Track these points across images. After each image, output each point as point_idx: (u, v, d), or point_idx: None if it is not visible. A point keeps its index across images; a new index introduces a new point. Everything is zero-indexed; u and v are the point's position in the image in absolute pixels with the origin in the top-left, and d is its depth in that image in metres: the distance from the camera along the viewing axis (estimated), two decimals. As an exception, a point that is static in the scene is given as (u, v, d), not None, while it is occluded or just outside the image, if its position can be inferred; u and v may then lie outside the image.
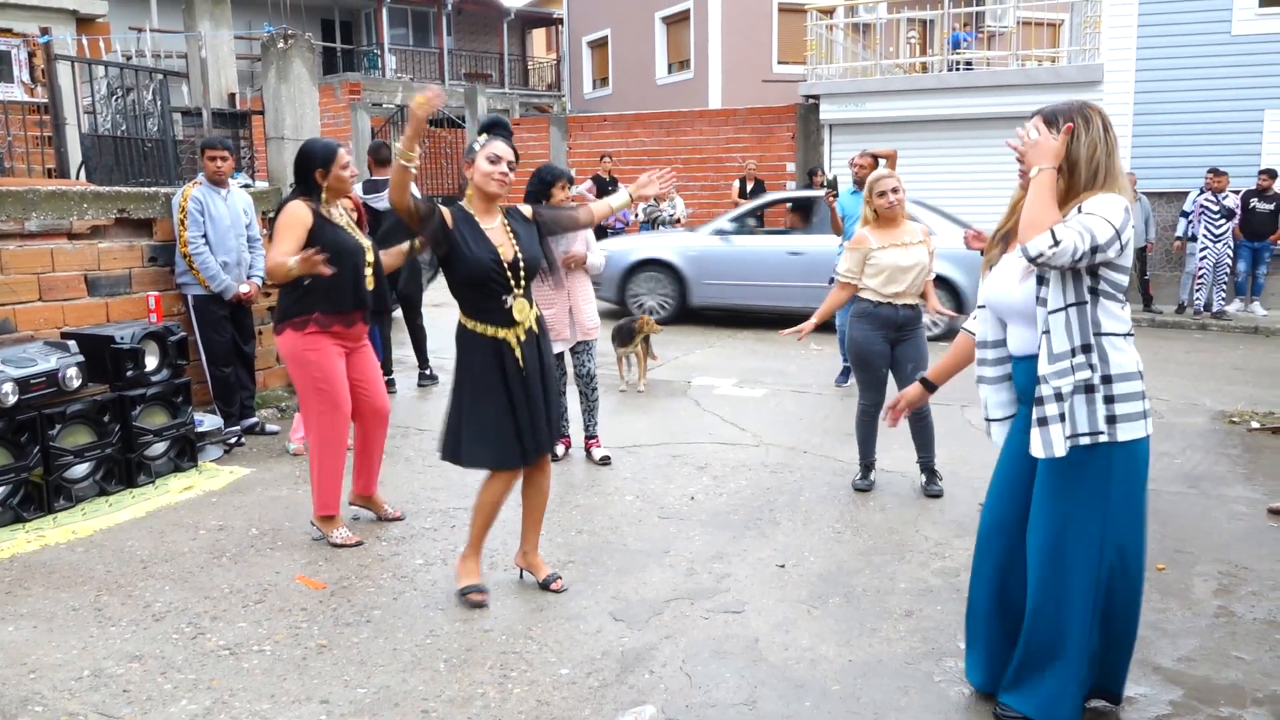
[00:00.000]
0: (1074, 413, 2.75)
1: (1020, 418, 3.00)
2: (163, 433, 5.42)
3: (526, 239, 3.78)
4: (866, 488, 5.38)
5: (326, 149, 4.48)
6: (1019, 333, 2.90)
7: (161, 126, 7.98)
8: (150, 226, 6.13)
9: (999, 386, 3.05)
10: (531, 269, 3.76)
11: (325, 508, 4.52)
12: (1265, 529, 4.82)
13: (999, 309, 2.98)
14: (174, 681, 3.29)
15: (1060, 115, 2.78)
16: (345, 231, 4.48)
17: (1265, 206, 11.96)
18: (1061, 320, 2.73)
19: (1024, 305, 2.82)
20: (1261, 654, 3.52)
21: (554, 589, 3.98)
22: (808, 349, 9.81)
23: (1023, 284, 2.82)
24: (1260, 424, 6.85)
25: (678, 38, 23.09)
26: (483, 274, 3.63)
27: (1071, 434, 2.75)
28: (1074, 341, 2.74)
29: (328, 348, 4.40)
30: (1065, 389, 2.74)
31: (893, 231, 5.24)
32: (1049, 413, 2.75)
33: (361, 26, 28.41)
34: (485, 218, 3.72)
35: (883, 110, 14.59)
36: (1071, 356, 2.74)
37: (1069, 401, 2.74)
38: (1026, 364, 2.88)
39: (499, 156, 3.66)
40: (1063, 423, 2.74)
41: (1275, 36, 12.55)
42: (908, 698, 3.22)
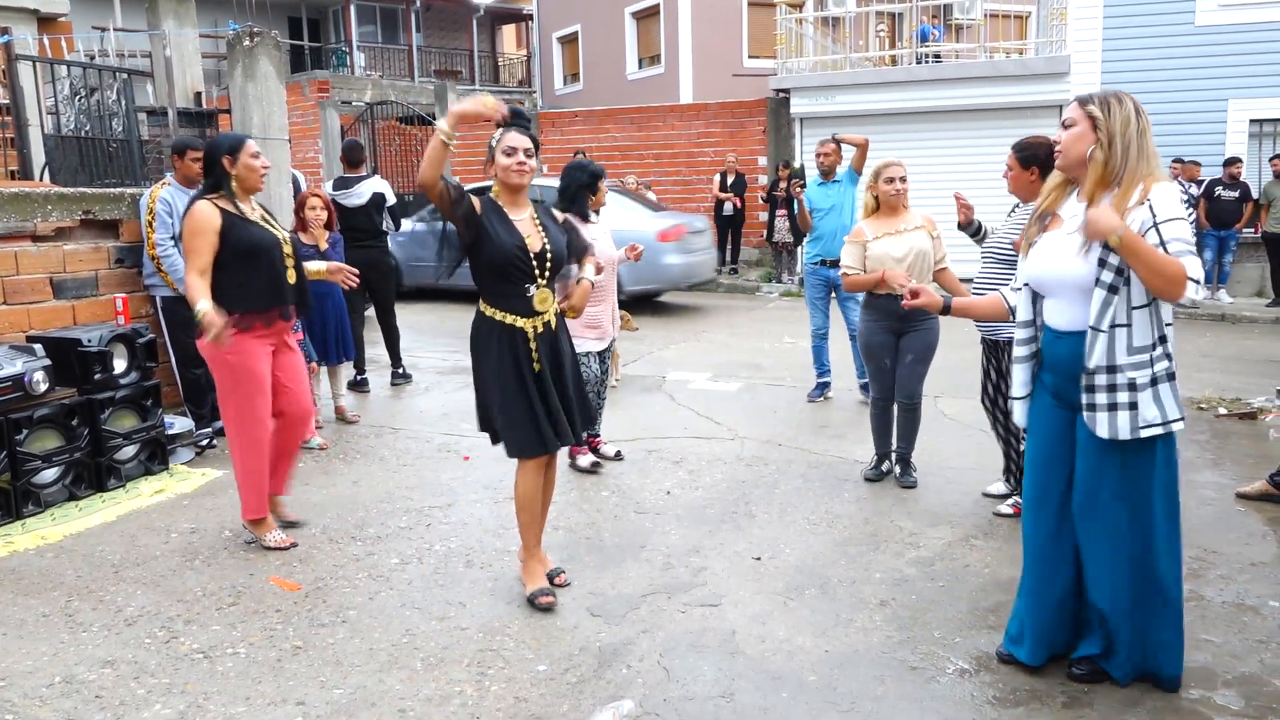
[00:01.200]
0: (1152, 402, 2.93)
1: (1047, 391, 3.17)
2: (132, 436, 5.37)
3: (557, 234, 3.82)
4: (876, 478, 5.41)
5: (233, 137, 4.42)
6: (1068, 308, 3.03)
7: (126, 126, 7.87)
8: (116, 228, 6.06)
9: (1026, 365, 3.23)
10: (558, 262, 3.78)
11: (253, 511, 4.45)
12: (1233, 513, 4.89)
13: (1050, 285, 3.08)
14: (147, 686, 3.25)
15: (1096, 97, 2.98)
16: (260, 227, 4.36)
17: (1231, 194, 12.13)
18: (1144, 315, 2.91)
19: (1085, 281, 2.95)
20: (1230, 636, 3.57)
21: (557, 583, 3.97)
22: (781, 342, 9.85)
23: (1085, 260, 2.94)
24: (1227, 410, 6.94)
25: (648, 33, 23.07)
26: (506, 260, 3.64)
27: (1146, 423, 2.94)
28: (1154, 335, 2.95)
29: (250, 349, 4.30)
30: (1141, 379, 2.93)
31: (890, 220, 5.26)
32: (1120, 399, 2.94)
33: (329, 24, 28.20)
34: (513, 209, 3.74)
35: (853, 103, 14.64)
36: (1152, 350, 2.94)
37: (1144, 391, 2.93)
38: (1072, 339, 3.01)
39: (514, 148, 3.66)
40: (1133, 411, 2.93)
41: (1238, 27, 12.71)
42: (884, 686, 3.24)
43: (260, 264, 4.29)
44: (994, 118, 13.59)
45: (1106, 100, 2.95)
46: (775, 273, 14.55)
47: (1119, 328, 2.91)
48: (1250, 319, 11.53)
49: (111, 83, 8.03)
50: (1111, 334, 2.91)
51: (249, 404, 4.34)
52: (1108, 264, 2.89)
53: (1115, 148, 2.91)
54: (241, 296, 4.25)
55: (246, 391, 4.32)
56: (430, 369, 8.36)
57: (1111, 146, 2.91)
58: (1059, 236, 3.06)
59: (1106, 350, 2.91)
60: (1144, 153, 2.91)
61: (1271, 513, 4.87)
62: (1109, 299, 2.90)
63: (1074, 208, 3.07)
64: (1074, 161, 3.01)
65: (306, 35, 27.55)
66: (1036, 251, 3.14)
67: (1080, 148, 2.97)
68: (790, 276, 14.22)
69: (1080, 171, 3.02)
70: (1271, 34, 12.58)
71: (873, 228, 5.26)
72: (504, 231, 3.66)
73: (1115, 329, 2.91)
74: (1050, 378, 3.16)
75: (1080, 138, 2.97)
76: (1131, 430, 2.94)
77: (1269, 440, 6.22)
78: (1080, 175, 3.03)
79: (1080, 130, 2.98)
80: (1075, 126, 2.99)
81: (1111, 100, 2.95)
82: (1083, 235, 2.93)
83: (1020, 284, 3.25)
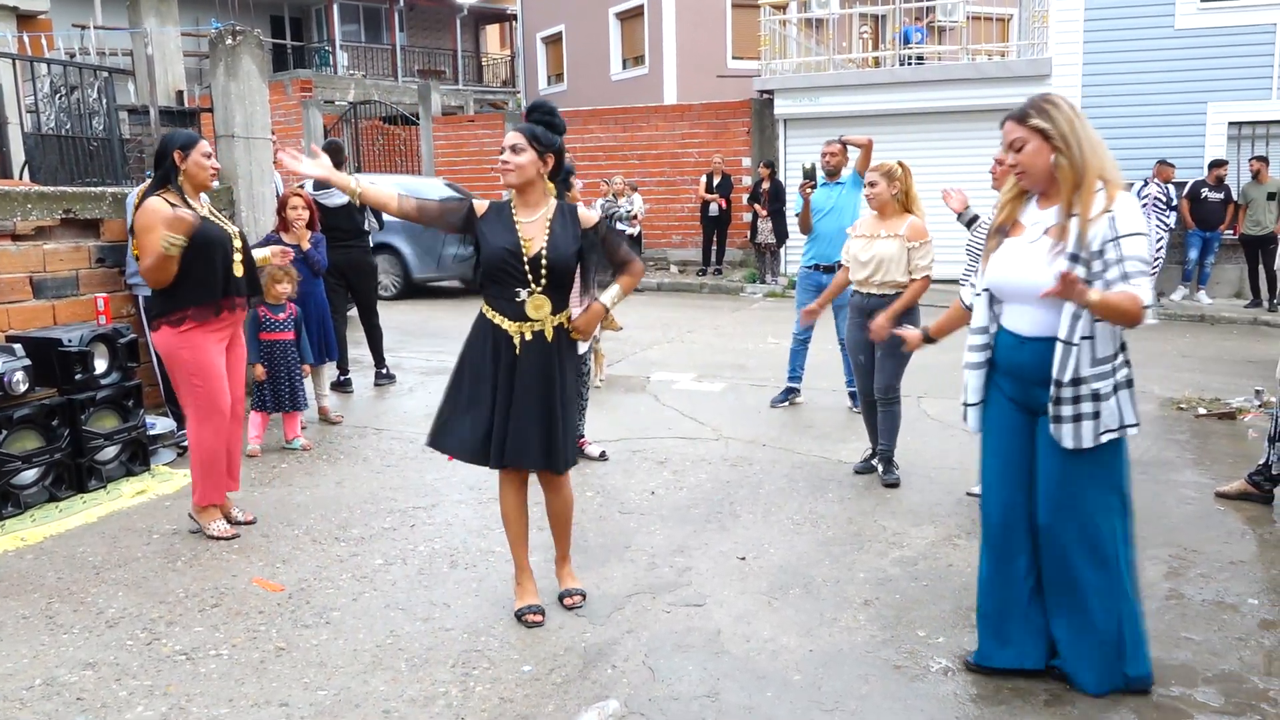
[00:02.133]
0: (1114, 410, 2.98)
1: (1005, 395, 3.17)
2: (113, 436, 5.33)
3: (562, 239, 3.56)
4: (862, 470, 5.50)
5: (188, 134, 4.50)
6: (1035, 315, 3.03)
7: (107, 125, 7.81)
8: (97, 227, 6.02)
9: (980, 371, 3.23)
10: (555, 268, 3.53)
11: (205, 497, 4.54)
12: (1213, 512, 4.93)
13: (1014, 292, 3.08)
14: (129, 688, 3.23)
15: (1030, 109, 2.99)
16: (210, 222, 4.44)
17: (1216, 196, 12.23)
18: (1107, 326, 2.94)
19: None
20: (1210, 634, 3.61)
21: (565, 604, 3.83)
22: (765, 343, 9.87)
23: (1050, 266, 2.94)
24: (1207, 410, 7.00)
25: (632, 33, 23.08)
26: (494, 263, 3.54)
27: (1105, 429, 2.98)
28: (1115, 345, 2.99)
29: (204, 344, 4.39)
30: (1104, 389, 2.96)
31: (877, 223, 5.37)
32: (1085, 410, 2.96)
33: (312, 23, 28.09)
34: (526, 210, 3.59)
35: (836, 105, 14.70)
36: (1114, 359, 2.99)
37: (1107, 400, 2.97)
38: (1037, 345, 3.02)
39: (502, 145, 3.57)
40: (1095, 420, 2.97)
41: (1217, 30, 12.83)
42: (868, 685, 3.25)
43: (210, 258, 4.36)
44: (976, 119, 13.64)
45: (1042, 108, 2.96)
46: (759, 273, 14.58)
47: (1086, 340, 2.93)
48: (1229, 320, 11.63)
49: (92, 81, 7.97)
50: (1080, 347, 2.93)
51: (207, 395, 4.44)
52: None
53: (1073, 149, 2.92)
54: (193, 290, 4.33)
55: (203, 383, 4.41)
56: (414, 369, 8.33)
57: (1069, 149, 2.92)
58: (1023, 244, 3.06)
59: (1075, 363, 2.93)
60: (1091, 142, 2.93)
61: (1250, 511, 4.91)
62: (1078, 312, 2.90)
63: (1034, 215, 3.08)
64: (1040, 177, 3.01)
65: (289, 34, 27.43)
66: (999, 258, 3.13)
67: (1042, 161, 2.97)
68: (774, 277, 14.26)
69: (1047, 185, 3.02)
70: (1250, 37, 12.70)
71: (864, 225, 5.43)
72: (498, 234, 3.55)
73: (1083, 341, 2.93)
74: (1010, 383, 3.15)
75: (1038, 152, 2.97)
76: (1094, 438, 2.98)
77: (1248, 440, 6.27)
78: (1049, 188, 3.02)
79: (1035, 145, 2.97)
80: (1028, 144, 2.98)
81: (1047, 106, 2.96)
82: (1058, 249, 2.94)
83: (980, 290, 3.24)
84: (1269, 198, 11.79)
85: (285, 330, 5.97)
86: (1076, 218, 2.91)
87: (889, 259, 5.23)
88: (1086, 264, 2.88)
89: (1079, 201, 2.92)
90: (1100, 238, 2.87)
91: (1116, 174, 2.95)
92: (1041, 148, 2.96)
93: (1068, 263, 2.90)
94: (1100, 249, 2.87)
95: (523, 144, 3.51)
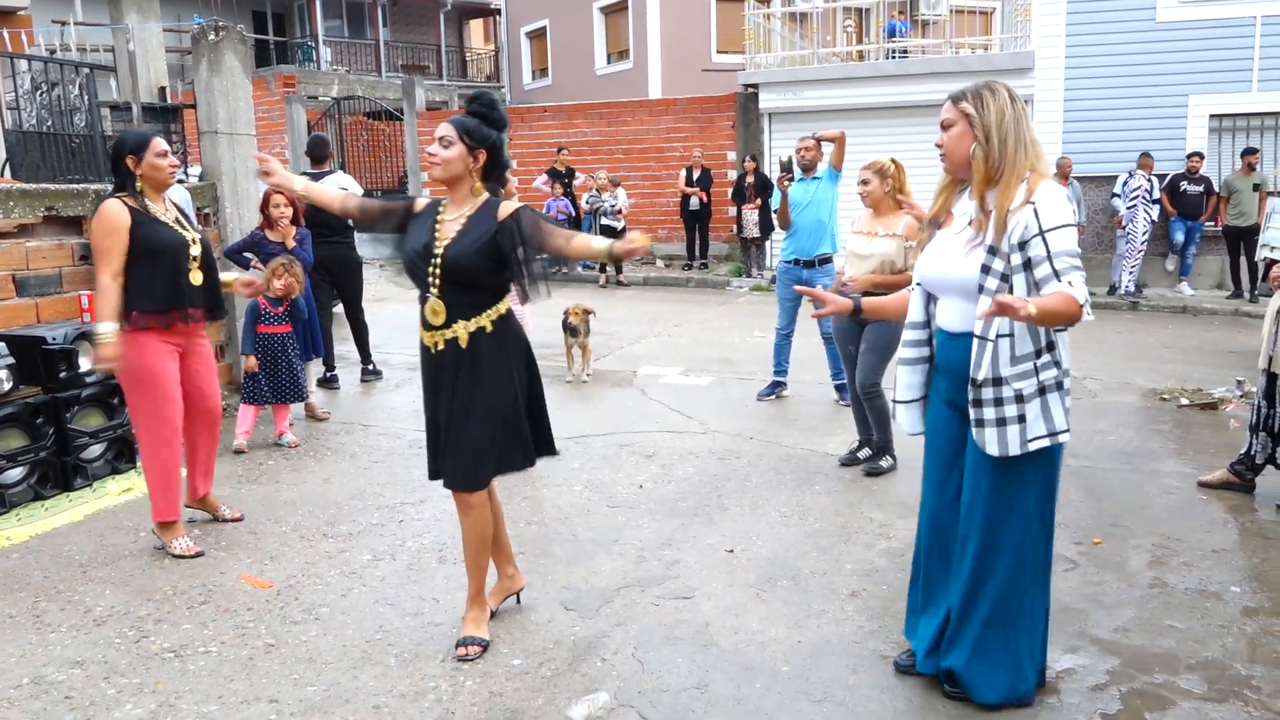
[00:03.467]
0: (1039, 414, 2.81)
1: (940, 396, 3.03)
2: (99, 434, 5.31)
3: (465, 238, 3.29)
4: (847, 461, 5.54)
5: (139, 136, 4.32)
6: (959, 308, 2.91)
7: (89, 122, 7.77)
8: (80, 224, 5.98)
9: (915, 368, 3.10)
10: (449, 269, 3.27)
11: (162, 513, 4.32)
12: (1196, 502, 4.98)
13: (939, 285, 3.00)
14: (117, 686, 3.23)
15: (968, 93, 2.88)
16: (168, 227, 4.27)
17: (1194, 188, 12.32)
18: (1026, 324, 2.70)
19: (969, 283, 2.83)
20: (1193, 622, 3.64)
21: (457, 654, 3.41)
22: (752, 337, 9.89)
23: (967, 258, 2.85)
24: (1189, 400, 7.06)
25: (616, 28, 23.04)
26: (407, 265, 3.40)
27: (1034, 436, 2.81)
28: (1039, 343, 2.80)
29: (151, 346, 4.22)
30: (1027, 389, 2.79)
31: (875, 220, 5.39)
32: (1008, 413, 2.79)
33: (295, 18, 27.93)
34: (454, 207, 3.38)
35: (821, 98, 14.71)
36: (1036, 358, 2.80)
37: (1031, 402, 2.80)
38: (963, 340, 2.88)
39: (434, 137, 3.36)
40: (1021, 424, 2.80)
41: (1197, 24, 12.89)
42: (856, 676, 3.27)
43: (162, 264, 4.21)
44: (960, 113, 13.68)
45: (979, 94, 2.84)
46: (744, 267, 14.60)
47: (1003, 337, 2.77)
48: (1211, 311, 11.72)
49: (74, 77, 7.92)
50: (996, 344, 2.77)
51: (155, 407, 4.25)
52: (991, 270, 2.77)
53: (993, 142, 2.78)
54: (140, 296, 4.18)
55: (152, 393, 4.24)
56: (401, 365, 8.32)
57: (989, 142, 2.79)
58: (948, 235, 2.97)
59: (992, 361, 2.78)
60: (1022, 142, 2.79)
61: (1232, 500, 4.96)
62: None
63: (964, 206, 2.97)
64: (959, 163, 2.89)
65: (271, 29, 27.26)
66: (928, 251, 3.03)
67: (963, 147, 2.85)
68: (759, 271, 14.28)
69: (967, 172, 2.89)
70: (1231, 30, 12.76)
71: (863, 221, 5.44)
72: (417, 233, 3.38)
73: (1000, 339, 2.77)
74: (944, 382, 3.01)
75: (961, 137, 2.85)
76: (1020, 445, 2.81)
77: (1229, 430, 6.33)
78: (968, 176, 2.90)
79: (960, 130, 2.86)
80: (954, 127, 2.87)
81: (985, 93, 2.84)
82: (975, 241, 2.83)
83: (914, 283, 3.13)
84: (1254, 189, 11.87)
85: (282, 324, 5.96)
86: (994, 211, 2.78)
87: (888, 257, 5.24)
88: (1006, 257, 2.75)
89: (996, 195, 2.79)
90: (1022, 231, 2.72)
91: (1045, 168, 2.83)
92: (965, 134, 2.84)
93: (984, 255, 2.78)
94: (1022, 241, 2.72)
95: (452, 137, 3.30)
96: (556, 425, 3.69)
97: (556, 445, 3.66)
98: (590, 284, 14.26)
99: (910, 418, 3.14)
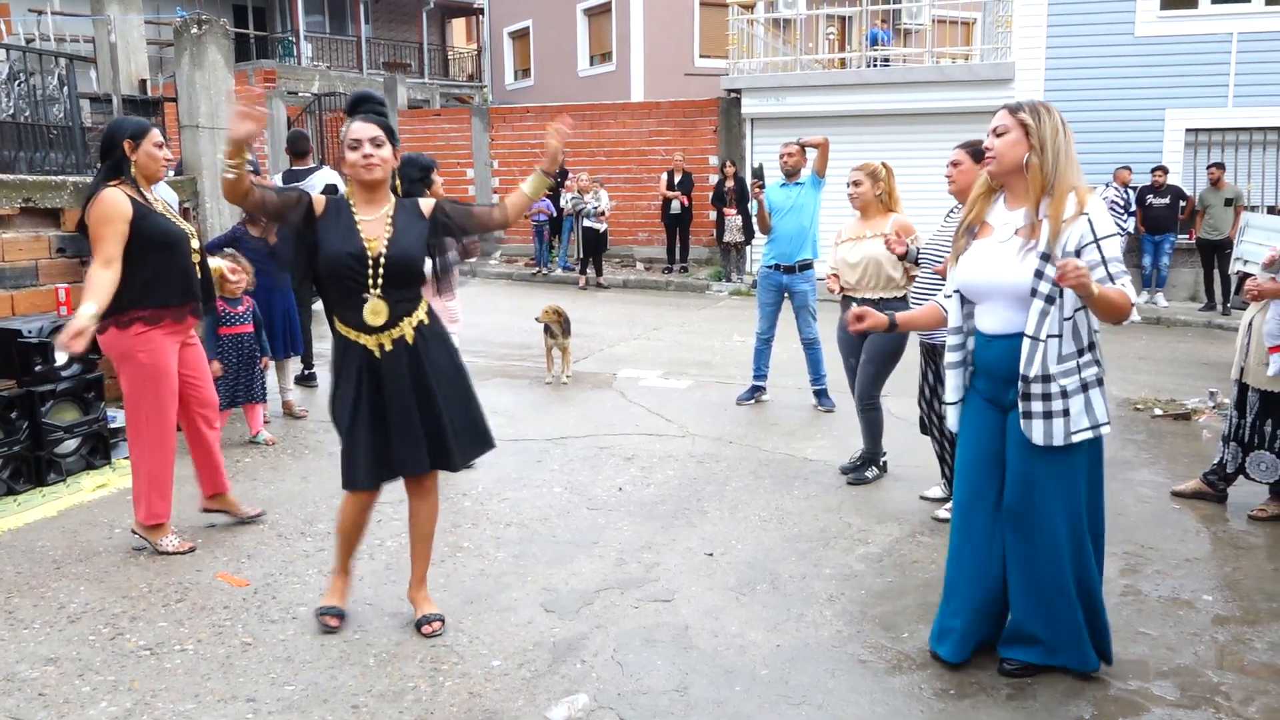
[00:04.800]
0: (1083, 409, 3.05)
1: (979, 394, 3.25)
2: (74, 429, 5.25)
3: (404, 236, 3.34)
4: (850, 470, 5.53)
5: (139, 122, 4.26)
6: (1005, 313, 3.11)
7: (68, 112, 7.68)
8: (58, 216, 5.93)
9: (961, 371, 3.30)
10: (396, 269, 3.30)
11: (156, 515, 4.24)
12: (1169, 511, 5.04)
13: (984, 291, 3.16)
14: (92, 684, 3.20)
15: (1024, 105, 3.09)
16: (169, 219, 4.22)
17: (1161, 201, 12.48)
18: (1072, 325, 3.02)
19: (1022, 288, 3.03)
20: (1166, 629, 3.69)
21: (424, 632, 3.54)
22: (731, 341, 9.91)
23: (1022, 264, 3.02)
24: (1163, 411, 7.14)
25: (599, 30, 23.05)
26: (334, 268, 3.28)
27: (1078, 428, 3.05)
28: (1082, 342, 3.06)
29: (163, 346, 4.15)
30: (1071, 386, 3.03)
31: (862, 224, 5.41)
32: (1055, 408, 3.03)
33: (275, 12, 27.74)
34: (366, 208, 3.35)
35: (803, 105, 14.78)
36: (1079, 356, 3.05)
37: (1075, 398, 3.03)
38: (1003, 343, 3.11)
39: (358, 140, 3.28)
40: (1065, 417, 3.03)
41: (1175, 39, 13.06)
42: (835, 679, 3.29)
43: (174, 257, 4.16)
44: (940, 122, 13.77)
45: (1037, 109, 3.06)
46: (725, 271, 14.64)
47: (1053, 338, 3.01)
48: (1184, 323, 11.86)
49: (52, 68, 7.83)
50: (1046, 343, 3.00)
51: (159, 404, 4.17)
52: (1044, 275, 2.98)
53: (1048, 154, 3.00)
54: (153, 291, 4.10)
55: (157, 392, 4.16)
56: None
57: (1044, 153, 3.00)
58: (992, 244, 3.15)
59: (1042, 359, 3.01)
60: (1071, 159, 3.02)
61: (1205, 510, 5.02)
62: (1046, 309, 3.00)
63: (1003, 215, 3.17)
64: (1009, 167, 3.08)
65: (252, 24, 27.07)
66: (968, 259, 3.21)
67: (1016, 154, 3.05)
68: (740, 275, 14.32)
69: (1011, 178, 3.11)
70: (1208, 46, 12.94)
71: (849, 228, 5.45)
72: (340, 237, 3.28)
73: (1049, 339, 3.01)
74: (982, 382, 3.25)
75: (1015, 144, 3.05)
76: (1065, 436, 3.05)
77: (1202, 440, 6.41)
78: (1010, 181, 3.12)
79: (1014, 137, 3.05)
80: (1009, 134, 3.07)
81: (1041, 109, 3.06)
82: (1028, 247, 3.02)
83: (950, 291, 3.32)
84: (1226, 204, 12.03)
85: (244, 323, 5.90)
86: (1047, 220, 2.99)
87: (878, 261, 5.23)
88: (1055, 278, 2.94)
89: (1049, 205, 3.00)
90: (1078, 239, 2.95)
91: (1086, 185, 3.05)
92: (1019, 141, 3.04)
93: (1038, 261, 2.98)
94: (1078, 250, 2.94)
95: (382, 138, 3.31)
96: (536, 426, 3.73)
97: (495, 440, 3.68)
98: (570, 286, 14.26)
99: (956, 416, 3.35)
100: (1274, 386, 4.76)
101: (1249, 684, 3.30)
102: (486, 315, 10.79)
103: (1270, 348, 4.70)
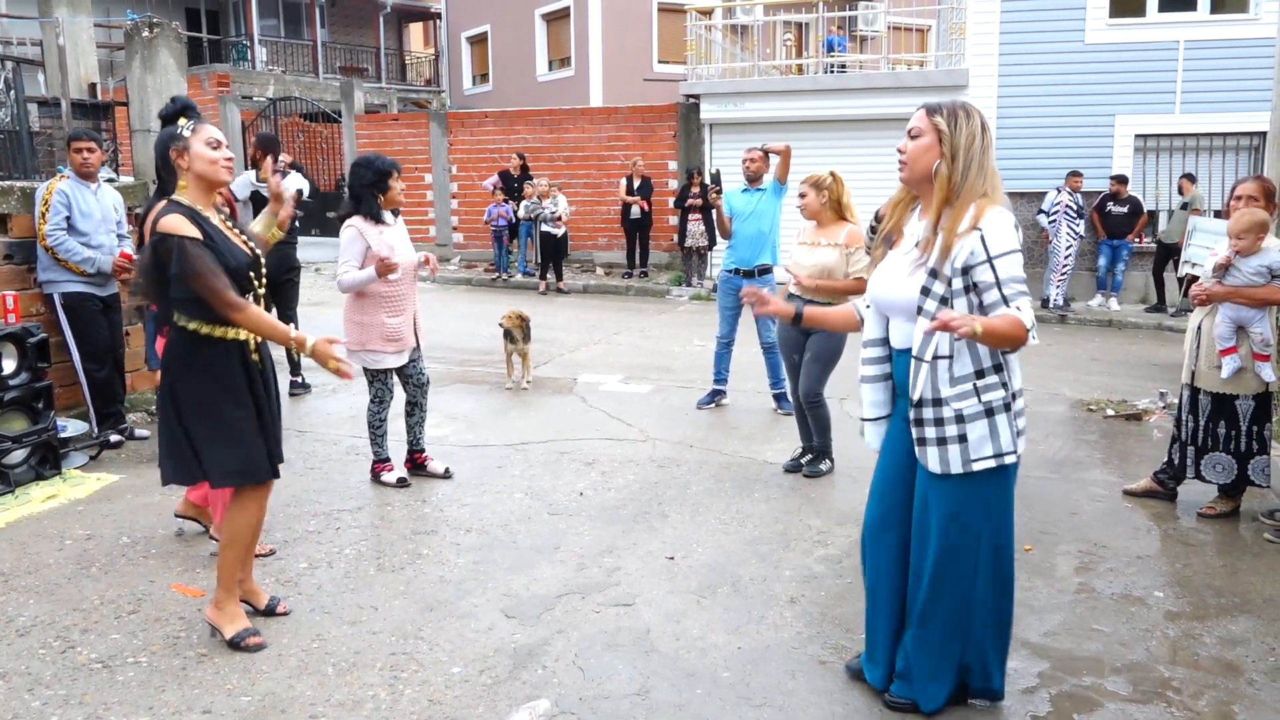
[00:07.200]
0: (986, 435, 2.81)
1: (900, 413, 3.04)
2: (22, 439, 5.15)
3: (248, 237, 3.52)
4: (790, 468, 5.61)
5: None
6: (906, 327, 2.94)
7: (15, 116, 7.55)
8: (5, 222, 5.81)
9: (877, 386, 3.09)
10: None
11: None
12: (1121, 509, 5.12)
13: (885, 305, 3.02)
14: (42, 698, 3.13)
15: (943, 107, 2.86)
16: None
17: (1120, 209, 12.71)
18: (966, 345, 2.77)
19: (910, 302, 2.86)
20: (1119, 626, 3.75)
21: (279, 611, 3.70)
22: (691, 345, 9.94)
23: (910, 279, 2.86)
24: (1115, 411, 7.26)
25: (558, 35, 23.03)
26: (238, 278, 3.32)
27: (978, 456, 2.82)
28: (982, 364, 2.81)
29: None
30: (969, 410, 2.81)
31: (818, 231, 5.49)
32: (948, 433, 2.82)
33: (229, 16, 27.41)
34: (213, 212, 3.41)
35: (761, 110, 14.87)
36: (977, 379, 2.81)
37: (974, 424, 2.81)
38: (906, 358, 2.91)
39: (220, 141, 3.36)
40: (962, 443, 2.82)
41: (1124, 46, 13.31)
42: (795, 681, 3.31)
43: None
44: (896, 127, 13.69)
45: (955, 112, 2.81)
46: (685, 276, 14.68)
47: (941, 359, 2.80)
48: (1135, 325, 12.07)
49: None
50: (934, 365, 2.80)
51: None
52: (930, 292, 2.79)
53: (959, 163, 2.78)
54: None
55: None
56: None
57: (955, 162, 2.78)
58: (897, 255, 2.97)
59: (930, 382, 2.81)
60: (984, 170, 2.79)
61: (1155, 508, 5.12)
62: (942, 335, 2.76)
63: (914, 226, 2.97)
64: (919, 175, 2.86)
65: (205, 28, 26.73)
66: (879, 270, 3.03)
67: (927, 160, 2.83)
68: (700, 280, 14.36)
69: (923, 186, 2.88)
70: (1155, 53, 13.20)
71: (807, 234, 5.52)
72: (227, 246, 3.34)
73: (938, 360, 2.80)
74: (899, 399, 3.03)
75: (927, 150, 2.83)
76: (963, 464, 2.83)
77: (1153, 440, 6.53)
78: (923, 190, 2.89)
79: (927, 142, 2.83)
80: (923, 138, 2.84)
81: (960, 113, 2.81)
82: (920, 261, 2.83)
83: (868, 302, 3.14)
84: (1183, 208, 12.28)
85: None
86: (941, 233, 2.79)
87: (831, 267, 5.32)
88: (947, 281, 2.77)
89: (948, 217, 2.79)
90: (966, 256, 2.73)
91: (998, 197, 2.82)
92: (932, 147, 2.82)
93: (925, 277, 2.80)
94: (966, 267, 2.74)
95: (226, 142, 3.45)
96: (497, 432, 3.73)
97: None
98: (530, 291, 14.22)
99: (876, 434, 3.13)
100: (1226, 389, 4.85)
101: (1200, 678, 3.37)
102: (446, 321, 10.73)
103: (1222, 350, 4.80)
